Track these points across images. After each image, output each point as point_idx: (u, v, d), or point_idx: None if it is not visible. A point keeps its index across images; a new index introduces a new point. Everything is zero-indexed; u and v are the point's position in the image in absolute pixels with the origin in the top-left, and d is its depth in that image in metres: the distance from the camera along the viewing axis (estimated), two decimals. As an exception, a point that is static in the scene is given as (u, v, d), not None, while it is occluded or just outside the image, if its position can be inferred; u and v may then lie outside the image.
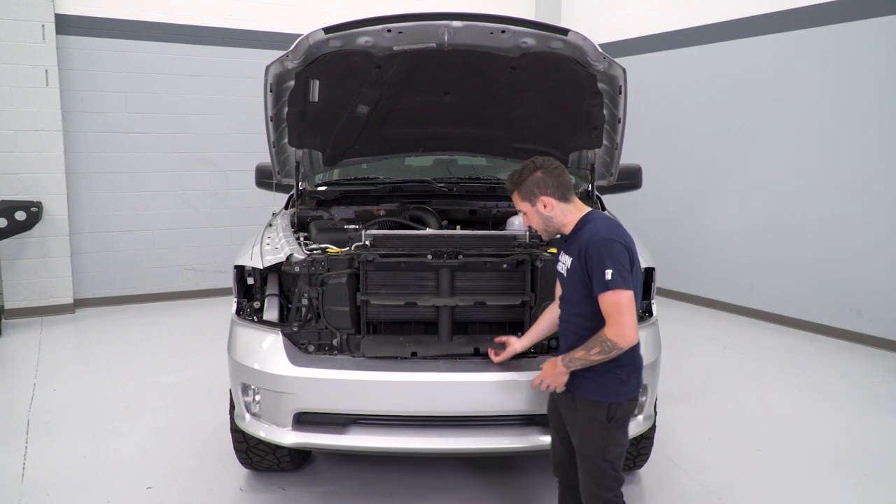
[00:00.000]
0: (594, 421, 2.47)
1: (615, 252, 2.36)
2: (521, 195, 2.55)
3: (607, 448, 2.47)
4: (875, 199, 5.89)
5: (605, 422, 2.45)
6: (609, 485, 2.49)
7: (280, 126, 3.78)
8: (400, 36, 3.33)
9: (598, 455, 2.48)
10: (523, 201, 2.55)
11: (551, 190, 2.50)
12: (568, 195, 2.54)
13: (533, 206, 2.53)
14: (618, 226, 2.51)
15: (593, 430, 2.48)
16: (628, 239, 2.46)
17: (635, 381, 2.51)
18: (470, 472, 3.61)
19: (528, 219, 2.58)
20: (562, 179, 2.53)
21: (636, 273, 2.45)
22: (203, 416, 4.29)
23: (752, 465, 3.78)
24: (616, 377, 2.45)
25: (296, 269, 3.07)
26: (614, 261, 2.34)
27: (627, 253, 2.39)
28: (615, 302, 2.34)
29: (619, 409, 2.46)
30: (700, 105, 7.39)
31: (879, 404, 4.67)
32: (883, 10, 5.73)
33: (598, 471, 2.49)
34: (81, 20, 6.87)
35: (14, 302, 6.73)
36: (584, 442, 2.51)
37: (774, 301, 6.74)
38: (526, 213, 2.57)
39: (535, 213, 2.54)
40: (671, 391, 4.64)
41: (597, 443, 2.48)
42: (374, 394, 2.89)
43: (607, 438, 2.47)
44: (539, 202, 2.51)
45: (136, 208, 7.37)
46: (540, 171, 2.51)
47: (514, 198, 2.58)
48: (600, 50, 3.31)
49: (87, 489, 3.46)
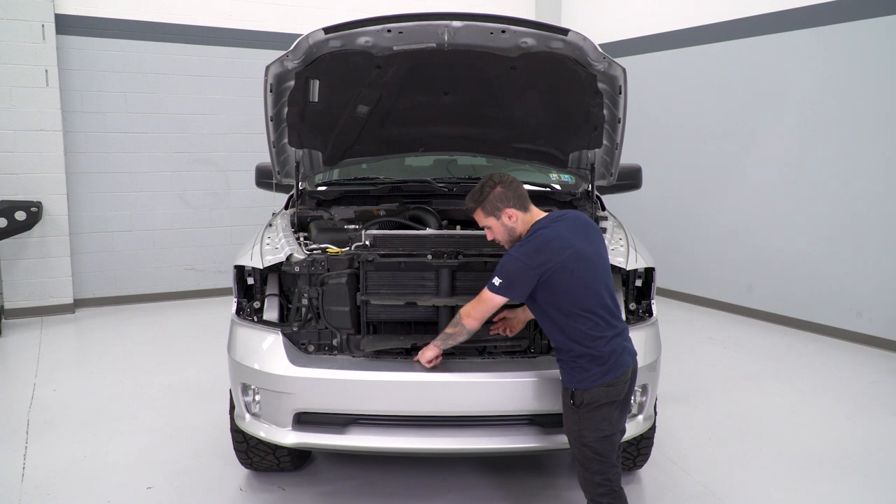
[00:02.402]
0: (566, 406, 2.69)
1: (512, 270, 2.61)
2: (486, 211, 2.74)
3: (581, 433, 2.63)
4: (875, 198, 5.89)
5: (574, 407, 2.62)
6: (595, 468, 2.64)
7: (280, 126, 3.77)
8: (400, 36, 3.33)
9: (576, 439, 2.67)
10: (488, 217, 2.74)
11: (513, 202, 2.72)
12: (527, 205, 2.76)
13: (498, 219, 2.73)
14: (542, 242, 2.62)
15: (567, 415, 2.70)
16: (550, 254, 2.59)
17: (599, 370, 2.62)
18: (470, 472, 3.61)
19: (493, 232, 2.77)
20: (520, 191, 2.76)
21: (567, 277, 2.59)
22: (203, 416, 4.29)
23: (752, 465, 3.79)
24: (577, 366, 2.63)
25: (296, 269, 3.07)
26: (506, 276, 2.62)
27: (530, 273, 2.58)
28: (483, 295, 2.69)
29: (585, 395, 2.61)
30: (700, 105, 7.39)
31: (879, 404, 4.68)
32: (883, 10, 5.73)
33: (581, 455, 2.67)
34: (81, 20, 6.87)
35: (14, 302, 6.73)
36: (564, 427, 2.73)
37: (774, 301, 6.74)
38: (491, 227, 2.76)
39: (500, 225, 2.74)
40: (671, 391, 4.64)
41: (571, 427, 2.68)
42: (374, 394, 2.89)
43: (580, 423, 2.64)
44: (504, 215, 2.72)
45: (136, 208, 7.38)
46: (500, 187, 2.72)
47: (477, 215, 2.77)
48: (600, 50, 3.31)
49: (87, 489, 3.46)
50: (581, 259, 2.62)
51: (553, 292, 2.61)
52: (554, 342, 2.72)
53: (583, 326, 2.60)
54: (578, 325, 2.60)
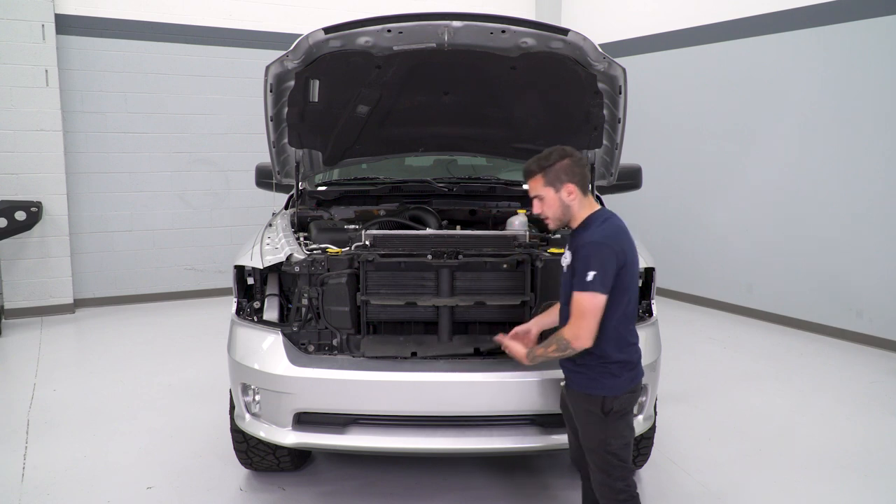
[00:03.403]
0: (591, 414, 2.52)
1: (604, 257, 2.40)
2: (546, 179, 2.51)
3: (608, 440, 2.52)
4: (875, 198, 5.88)
5: (602, 415, 2.50)
6: (619, 474, 2.54)
7: (280, 126, 3.78)
8: (400, 36, 3.33)
9: (601, 447, 2.53)
10: (547, 186, 2.51)
11: (577, 179, 2.51)
12: (587, 189, 2.56)
13: (557, 192, 2.50)
14: (618, 230, 2.51)
15: (592, 422, 2.54)
16: (626, 244, 2.48)
17: (628, 375, 2.53)
18: (470, 472, 3.61)
19: (545, 204, 2.53)
20: (585, 171, 2.56)
21: (631, 276, 2.49)
22: (203, 416, 4.29)
23: (752, 465, 3.78)
24: (607, 371, 2.49)
25: (296, 269, 3.07)
26: (599, 265, 2.39)
27: (616, 259, 2.41)
28: (581, 303, 2.41)
29: (615, 403, 2.50)
30: (700, 105, 7.39)
31: (879, 404, 4.67)
32: (883, 10, 5.73)
33: (605, 462, 2.54)
34: (81, 20, 6.87)
35: (14, 302, 6.73)
36: (586, 435, 2.57)
37: (774, 301, 6.74)
38: (544, 198, 2.52)
39: (556, 199, 2.51)
40: (671, 391, 4.64)
41: (597, 435, 2.53)
42: (374, 394, 2.89)
43: (606, 431, 2.52)
44: (564, 189, 2.50)
45: (136, 208, 7.38)
46: (569, 159, 2.51)
47: (535, 181, 2.53)
48: (600, 50, 3.31)
49: (87, 489, 3.46)
50: (636, 260, 2.54)
51: (618, 288, 2.45)
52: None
53: (625, 331, 2.51)
54: (622, 329, 2.50)
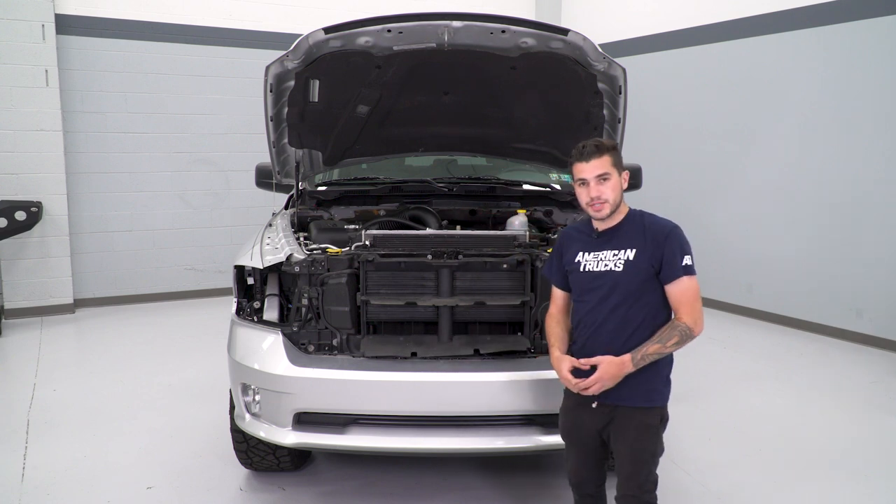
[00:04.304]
0: (648, 428, 2.40)
1: (687, 241, 2.42)
2: (614, 160, 2.46)
3: (657, 451, 2.45)
4: (875, 198, 5.88)
5: (658, 426, 2.43)
6: (651, 487, 2.46)
7: (280, 126, 3.78)
8: (400, 36, 3.33)
9: (652, 460, 2.42)
10: (614, 167, 2.45)
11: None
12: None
13: (619, 175, 2.47)
14: None
15: (647, 437, 2.41)
16: None
17: (670, 383, 2.52)
18: (470, 472, 3.61)
19: (610, 185, 2.43)
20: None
21: None
22: (203, 416, 4.28)
23: (752, 465, 3.78)
24: (662, 378, 2.45)
25: (296, 269, 3.06)
26: (690, 247, 2.40)
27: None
28: (692, 288, 2.37)
29: (666, 412, 2.46)
30: (700, 105, 7.38)
31: (879, 404, 4.67)
32: (883, 10, 5.73)
33: (648, 473, 2.42)
34: (81, 20, 6.87)
35: (14, 302, 6.73)
36: (637, 451, 2.41)
37: (774, 301, 6.74)
38: (610, 178, 2.43)
39: (619, 182, 2.46)
40: (671, 391, 4.63)
41: (649, 449, 2.42)
42: (374, 394, 2.89)
43: (657, 443, 2.45)
44: (624, 174, 2.50)
45: (136, 208, 7.38)
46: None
47: (604, 160, 2.42)
48: (600, 50, 3.31)
49: (87, 489, 3.46)
50: None
51: None
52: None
53: None
54: None
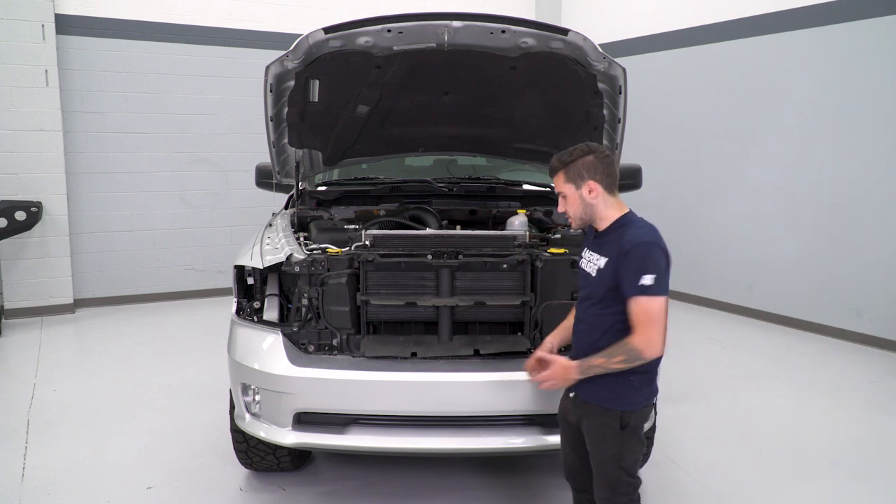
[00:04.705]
0: (607, 428, 2.42)
1: (657, 258, 2.32)
2: (567, 176, 2.44)
3: (621, 455, 2.43)
4: (875, 198, 5.88)
5: (619, 430, 2.41)
6: (624, 489, 2.45)
7: (280, 126, 3.78)
8: (400, 36, 3.33)
9: (613, 462, 2.43)
10: (568, 183, 2.45)
11: (600, 177, 2.43)
12: (613, 188, 2.48)
13: (577, 189, 2.43)
14: (658, 231, 2.45)
15: (607, 437, 2.43)
16: (665, 246, 2.42)
17: (648, 389, 2.45)
18: (470, 472, 3.61)
19: (567, 202, 2.48)
20: (611, 170, 2.47)
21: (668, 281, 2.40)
22: (203, 416, 4.28)
23: (752, 465, 3.78)
24: (628, 384, 2.40)
25: (296, 269, 3.06)
26: (656, 267, 2.30)
27: (665, 260, 2.35)
28: (648, 309, 2.28)
29: (632, 417, 2.41)
30: (700, 105, 7.38)
31: (879, 404, 4.67)
32: (883, 10, 5.73)
33: (614, 477, 2.44)
34: (81, 20, 6.87)
35: (14, 302, 6.73)
36: (599, 449, 2.47)
37: (774, 301, 6.74)
38: (566, 196, 2.46)
39: (577, 197, 2.44)
40: (671, 391, 4.64)
41: (610, 450, 2.44)
42: (374, 394, 2.89)
43: (621, 446, 2.43)
44: (585, 186, 2.43)
45: (136, 208, 7.38)
46: (592, 156, 2.44)
47: (557, 178, 2.47)
48: (600, 50, 3.31)
49: (87, 489, 3.46)
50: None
51: None
52: None
53: None
54: None
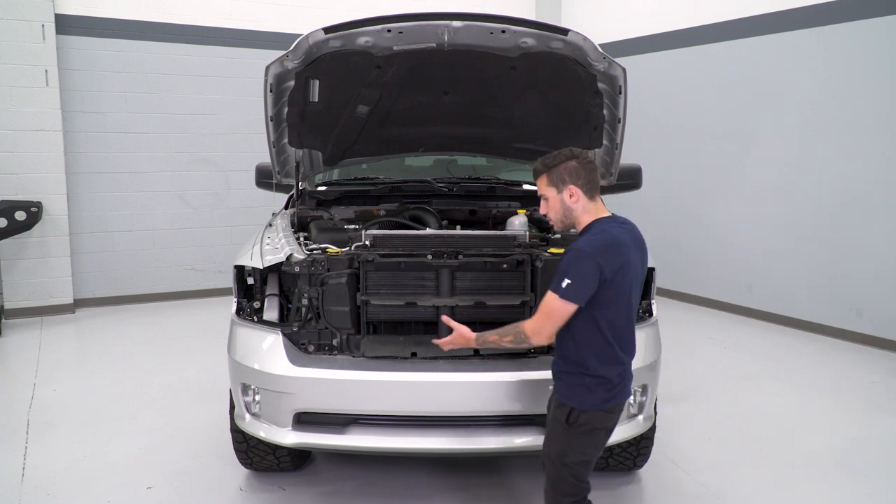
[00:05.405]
0: (556, 422, 2.52)
1: (581, 267, 2.34)
2: (550, 179, 2.51)
3: (566, 452, 2.49)
4: (875, 198, 5.89)
5: (565, 424, 2.47)
6: (565, 490, 2.51)
7: (280, 126, 3.78)
8: (400, 36, 3.33)
9: (557, 457, 2.51)
10: (550, 186, 2.52)
11: (581, 182, 2.48)
12: (594, 194, 2.53)
13: (559, 193, 2.50)
14: (611, 243, 2.40)
15: (555, 430, 2.53)
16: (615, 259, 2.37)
17: (605, 394, 2.45)
18: (470, 472, 3.61)
19: (548, 205, 2.55)
20: (593, 175, 2.52)
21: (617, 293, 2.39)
22: (203, 416, 4.29)
23: (752, 465, 3.78)
24: (583, 384, 2.46)
25: (296, 269, 3.06)
26: (576, 274, 2.34)
27: (599, 273, 2.33)
28: (550, 305, 2.39)
29: (581, 416, 2.45)
30: (700, 105, 7.39)
31: (879, 404, 4.67)
32: (883, 10, 5.73)
33: (556, 474, 2.53)
34: (81, 20, 6.87)
35: (14, 302, 6.73)
36: (547, 441, 2.59)
37: (774, 301, 6.74)
38: (548, 199, 2.54)
39: (558, 200, 2.51)
40: (671, 391, 4.64)
41: (556, 444, 2.53)
42: (374, 394, 2.89)
43: (567, 443, 2.49)
44: (567, 191, 2.48)
45: (136, 208, 7.38)
46: (575, 161, 2.49)
47: (540, 181, 2.55)
48: (600, 50, 3.31)
49: (87, 489, 3.46)
50: (629, 276, 2.43)
51: (597, 301, 2.38)
52: (565, 353, 2.50)
53: (607, 347, 2.43)
54: (604, 344, 2.43)
